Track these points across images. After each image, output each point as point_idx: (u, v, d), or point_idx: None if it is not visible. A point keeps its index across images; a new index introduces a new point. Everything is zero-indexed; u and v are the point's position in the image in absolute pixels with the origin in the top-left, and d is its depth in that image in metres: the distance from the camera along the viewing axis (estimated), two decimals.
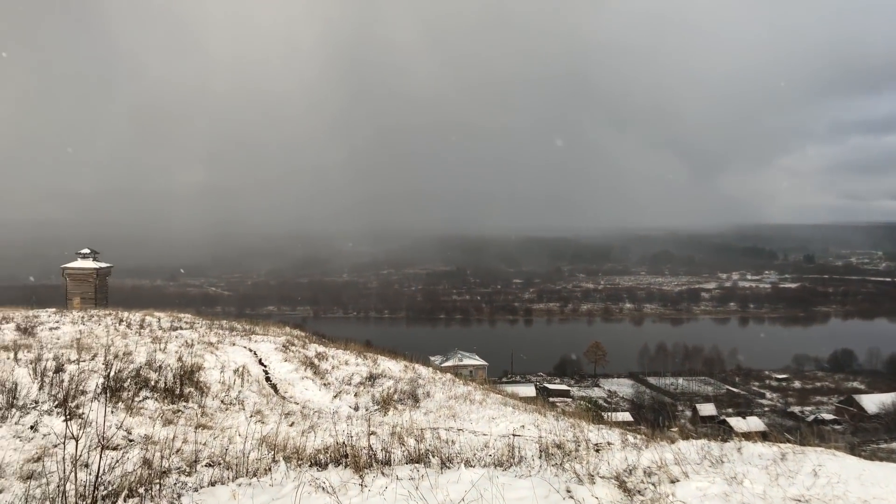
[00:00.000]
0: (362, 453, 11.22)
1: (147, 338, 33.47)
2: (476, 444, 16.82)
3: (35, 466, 12.83)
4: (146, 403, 20.43)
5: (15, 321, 39.83)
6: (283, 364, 29.92)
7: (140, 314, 44.62)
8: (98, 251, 63.83)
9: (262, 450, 14.72)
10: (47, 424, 16.57)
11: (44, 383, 20.90)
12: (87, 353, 26.23)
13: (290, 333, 42.42)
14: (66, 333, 36.76)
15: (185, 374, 24.45)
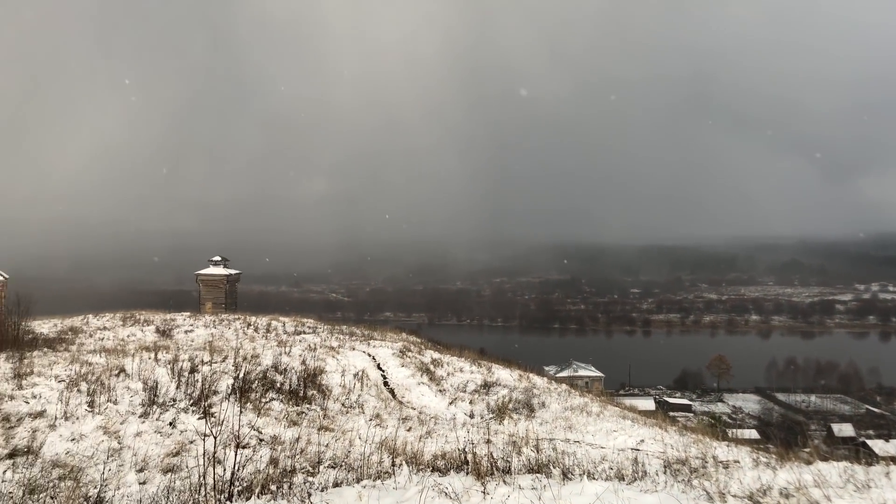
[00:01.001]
0: (483, 461, 11.17)
1: (273, 341, 35.04)
2: (594, 456, 16.42)
3: (174, 461, 13.67)
4: (272, 404, 21.35)
5: (155, 324, 42.81)
6: (401, 369, 30.45)
7: (266, 319, 46.81)
8: (228, 259, 67.61)
9: (382, 453, 15.00)
10: (184, 421, 17.64)
11: (180, 383, 22.29)
12: (218, 356, 27.76)
13: (406, 339, 43.19)
14: (199, 336, 39.13)
15: (308, 378, 25.37)
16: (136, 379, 22.17)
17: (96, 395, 19.77)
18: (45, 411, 17.94)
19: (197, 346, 32.11)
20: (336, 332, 42.85)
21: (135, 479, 12.18)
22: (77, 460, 13.63)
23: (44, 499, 9.57)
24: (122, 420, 17.16)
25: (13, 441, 14.97)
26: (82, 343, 34.07)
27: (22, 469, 12.81)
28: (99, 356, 26.54)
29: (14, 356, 25.49)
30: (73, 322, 42.63)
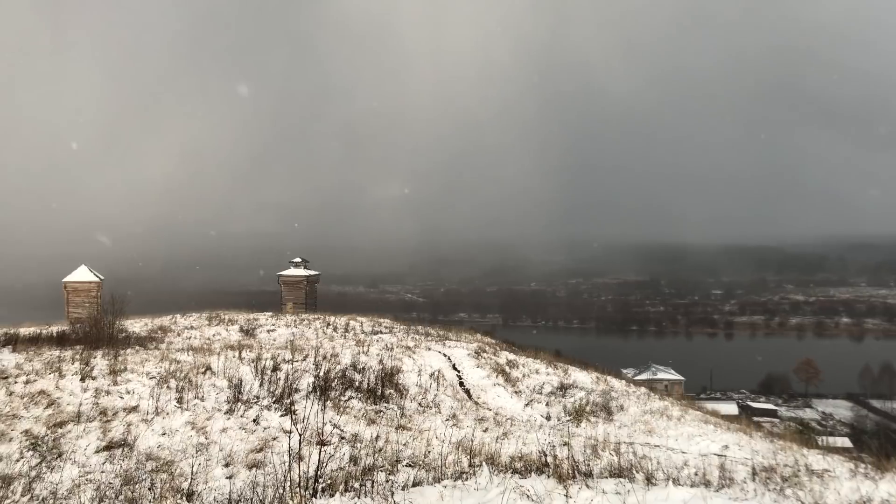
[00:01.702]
0: (563, 463, 11.04)
1: (351, 341, 35.65)
2: (675, 461, 15.99)
3: (258, 456, 14.08)
4: (351, 403, 21.72)
5: (239, 323, 44.24)
6: (476, 370, 30.45)
7: (345, 318, 47.68)
8: (308, 260, 69.21)
9: (459, 453, 15.03)
10: (267, 419, 18.15)
11: (263, 380, 22.95)
12: (299, 354, 28.45)
13: (481, 340, 43.18)
14: (281, 335, 40.20)
15: (385, 377, 25.69)
16: (221, 377, 22.97)
17: (185, 391, 20.58)
18: (137, 406, 18.80)
19: (279, 345, 32.99)
20: (412, 332, 43.25)
21: (222, 474, 12.60)
22: (168, 454, 14.22)
23: (139, 490, 10.01)
24: (209, 416, 17.80)
25: (110, 434, 15.74)
26: (171, 342, 35.51)
27: (119, 461, 13.45)
28: (187, 354, 27.62)
29: (109, 353, 26.80)
30: (162, 321, 44.51)
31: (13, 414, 17.70)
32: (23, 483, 11.00)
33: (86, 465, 13.20)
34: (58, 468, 12.60)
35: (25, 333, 35.88)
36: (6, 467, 12.85)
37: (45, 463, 13.05)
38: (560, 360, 39.18)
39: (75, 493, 10.34)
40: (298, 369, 24.93)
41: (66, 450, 14.33)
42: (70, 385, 21.38)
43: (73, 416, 17.41)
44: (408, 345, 34.46)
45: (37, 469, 12.28)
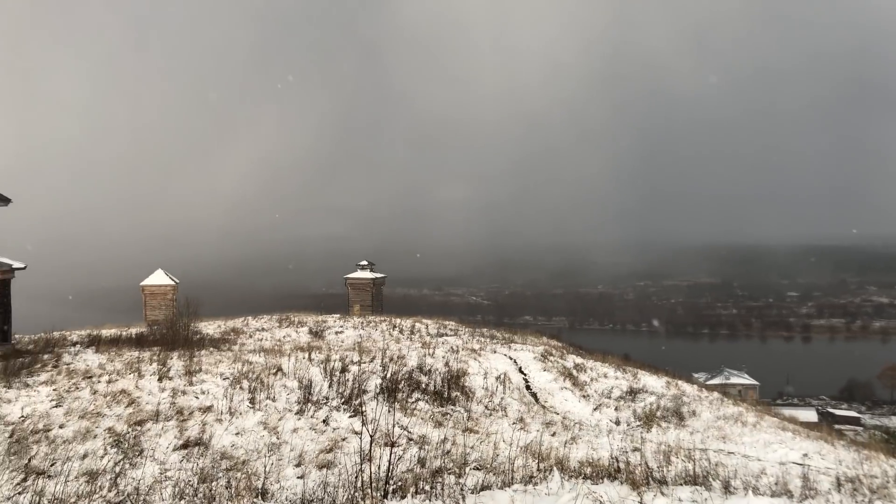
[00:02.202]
0: (637, 469, 10.79)
1: (417, 343, 35.85)
2: (752, 469, 15.46)
3: (328, 457, 14.29)
4: (418, 405, 21.82)
5: (308, 325, 45.08)
6: (543, 373, 30.17)
7: (410, 321, 48.02)
8: (374, 263, 70.01)
9: (527, 457, 14.90)
10: (336, 419, 18.41)
11: (332, 382, 23.31)
12: (366, 356, 28.78)
13: (547, 343, 42.77)
14: (348, 337, 40.76)
15: (451, 379, 25.72)
16: (291, 378, 23.44)
17: (257, 392, 21.09)
18: (212, 406, 19.36)
19: (347, 347, 33.45)
20: (477, 334, 43.20)
21: (293, 474, 12.82)
22: (242, 453, 14.58)
23: (215, 488, 10.29)
24: (280, 417, 18.17)
25: (186, 433, 16.25)
26: (243, 343, 36.42)
27: (195, 459, 13.87)
28: (258, 356, 28.31)
29: (185, 354, 27.71)
30: (234, 323, 45.74)
31: (97, 412, 18.49)
32: (109, 479, 11.45)
33: (164, 462, 13.65)
34: (139, 465, 13.07)
35: (107, 335, 37.45)
36: (92, 463, 13.41)
37: (127, 460, 13.56)
38: (629, 364, 38.47)
39: (155, 490, 10.71)
40: (366, 371, 25.22)
41: (146, 447, 14.87)
42: (149, 385, 22.19)
43: (152, 414, 18.05)
44: (473, 347, 34.42)
45: (120, 465, 12.76)
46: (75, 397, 20.46)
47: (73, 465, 13.17)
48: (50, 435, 15.99)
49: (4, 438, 15.49)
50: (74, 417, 17.78)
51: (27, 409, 19.00)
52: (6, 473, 12.56)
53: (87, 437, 15.78)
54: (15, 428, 16.59)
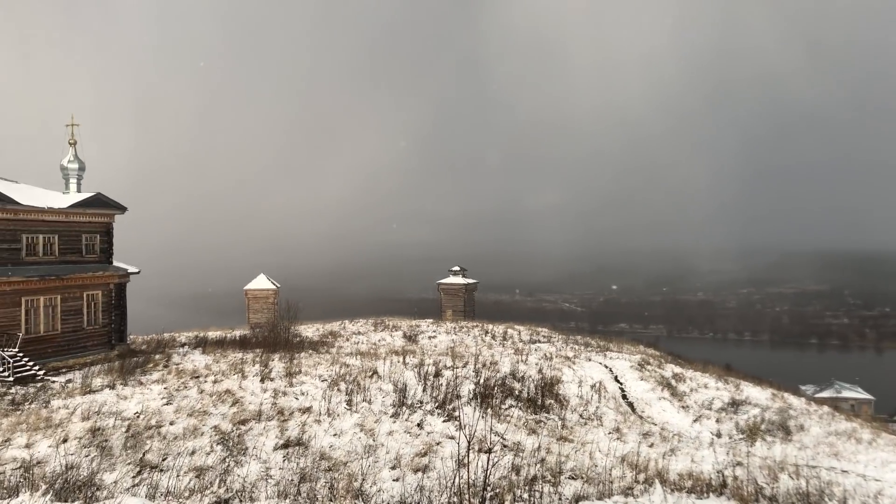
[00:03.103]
0: (744, 485, 10.34)
1: (510, 349, 35.74)
2: (869, 490, 14.53)
3: (423, 460, 14.41)
4: (511, 411, 21.71)
5: (402, 330, 45.79)
6: (639, 383, 29.43)
7: (502, 327, 47.92)
8: (466, 268, 70.40)
9: (624, 468, 14.55)
10: (430, 423, 18.57)
11: (426, 386, 23.55)
12: (459, 361, 28.93)
13: (644, 352, 41.70)
14: (441, 342, 41.11)
15: (545, 386, 25.48)
16: (387, 381, 23.84)
17: (353, 394, 21.57)
18: (311, 407, 19.93)
19: (440, 352, 33.73)
20: (570, 342, 42.63)
21: (389, 476, 13.01)
22: (340, 454, 14.92)
23: (315, 488, 10.57)
24: (376, 419, 18.49)
25: (287, 433, 16.79)
26: (340, 346, 37.31)
27: (295, 459, 14.30)
28: (354, 358, 28.97)
29: (285, 356, 28.70)
30: (332, 327, 46.97)
31: (204, 410, 19.38)
32: (216, 475, 11.96)
33: (267, 461, 14.14)
34: (244, 463, 13.59)
35: (213, 337, 39.28)
36: (199, 459, 14.06)
37: (232, 457, 14.13)
38: (730, 375, 36.99)
39: (259, 488, 11.10)
40: (459, 376, 25.33)
41: (249, 446, 15.45)
42: (251, 385, 23.10)
43: (255, 414, 18.76)
44: (567, 355, 33.98)
45: (226, 462, 13.31)
46: (184, 396, 21.54)
47: (183, 460, 13.83)
48: (161, 431, 16.87)
49: (122, 433, 16.46)
50: (183, 415, 18.70)
51: (141, 405, 20.15)
52: (124, 466, 13.33)
53: (194, 434, 16.56)
54: (130, 423, 17.61)
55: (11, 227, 27.90)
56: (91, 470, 11.60)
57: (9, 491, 9.61)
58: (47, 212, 29.24)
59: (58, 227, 29.95)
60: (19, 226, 28.22)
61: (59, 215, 29.84)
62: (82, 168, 32.95)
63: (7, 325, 27.31)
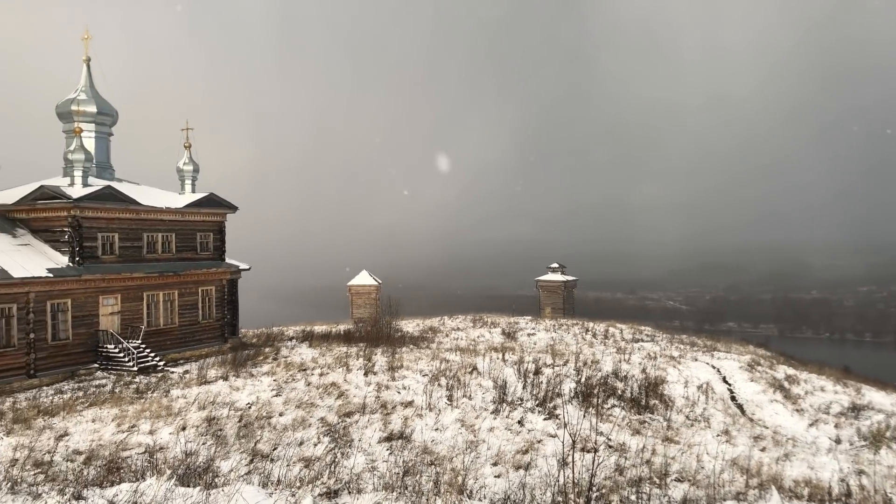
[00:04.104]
0: (871, 496, 9.73)
1: (611, 348, 35.05)
2: None
3: (525, 458, 14.36)
4: (613, 411, 21.28)
5: (500, 326, 45.76)
6: (749, 384, 28.19)
7: (603, 325, 47.05)
8: (565, 265, 69.54)
9: (734, 472, 13.99)
10: (531, 421, 18.47)
11: (526, 383, 23.44)
12: (559, 359, 28.63)
13: (754, 352, 39.92)
14: (541, 339, 40.80)
15: (649, 386, 24.82)
16: (486, 377, 23.90)
17: (454, 390, 21.74)
18: (412, 401, 20.24)
19: (539, 349, 33.49)
20: (675, 341, 41.38)
21: (490, 473, 13.03)
22: (441, 449, 15.09)
23: (419, 481, 10.72)
24: (477, 415, 18.57)
25: (389, 426, 17.13)
26: (440, 342, 37.70)
27: (398, 452, 14.58)
28: (454, 354, 29.20)
29: (388, 351, 29.29)
30: (431, 322, 47.53)
31: (311, 402, 20.06)
32: (323, 466, 12.35)
33: (371, 453, 14.48)
34: (350, 455, 13.97)
35: (318, 331, 40.56)
36: (307, 450, 14.56)
37: (338, 449, 14.54)
38: (850, 378, 34.83)
39: (364, 479, 11.38)
40: (559, 374, 25.06)
41: (354, 438, 15.86)
42: (355, 379, 23.71)
43: (359, 407, 19.24)
44: (672, 354, 33.00)
45: (332, 454, 13.72)
46: (292, 388, 22.37)
47: (292, 450, 14.36)
48: (271, 422, 17.59)
49: (235, 423, 17.26)
50: (291, 406, 19.42)
51: (252, 396, 21.07)
52: (238, 454, 13.98)
53: (302, 425, 17.16)
54: (243, 413, 18.45)
55: (134, 227, 29.78)
56: (208, 457, 12.23)
57: (136, 474, 10.27)
58: (165, 211, 31.05)
59: (175, 226, 31.72)
60: (141, 225, 30.08)
61: (175, 215, 31.62)
62: (196, 170, 34.75)
63: (131, 318, 29.19)
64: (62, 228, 27.46)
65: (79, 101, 32.78)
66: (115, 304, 28.63)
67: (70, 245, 27.18)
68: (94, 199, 27.71)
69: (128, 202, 29.08)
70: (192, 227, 32.68)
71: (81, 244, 27.29)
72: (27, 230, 28.00)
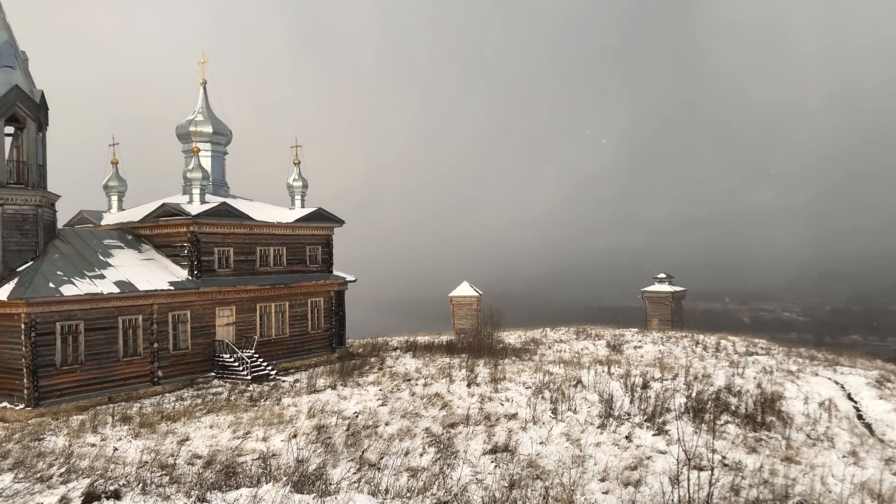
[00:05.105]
0: None
1: (723, 361, 33.56)
2: None
3: (633, 475, 13.94)
4: (727, 428, 20.34)
5: (605, 339, 44.79)
6: (878, 402, 26.26)
7: (714, 337, 45.16)
8: (673, 275, 67.35)
9: (864, 496, 13.08)
10: (639, 436, 17.93)
11: (633, 397, 22.77)
12: (668, 373, 27.68)
13: (882, 367, 37.19)
14: (647, 352, 39.61)
15: (765, 402, 23.58)
16: (592, 391, 23.40)
17: (558, 403, 21.42)
18: (516, 414, 20.09)
19: (646, 362, 32.51)
20: (793, 354, 39.14)
21: (598, 489, 12.73)
22: (547, 463, 14.88)
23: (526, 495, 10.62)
24: (582, 429, 18.21)
25: (494, 438, 17.06)
26: (543, 354, 37.30)
27: (503, 464, 14.49)
28: (558, 367, 28.78)
29: (490, 362, 29.23)
30: (533, 334, 47.11)
31: (416, 412, 20.28)
32: (429, 476, 12.45)
33: (475, 465, 14.47)
34: (455, 466, 14.02)
35: (421, 341, 41.05)
36: (412, 460, 14.71)
37: (443, 460, 14.62)
38: None
39: (469, 491, 11.37)
40: (668, 388, 24.23)
41: (459, 449, 15.90)
42: (459, 390, 23.80)
43: (463, 418, 19.28)
44: (789, 369, 31.25)
45: (438, 464, 13.80)
46: (397, 398, 22.71)
47: (399, 460, 14.55)
48: (378, 431, 17.90)
49: (343, 431, 17.68)
50: (397, 416, 19.70)
51: (359, 405, 21.54)
52: (346, 462, 14.30)
53: (408, 435, 17.36)
54: (350, 422, 18.88)
55: (248, 241, 31.19)
56: (319, 465, 12.57)
57: (251, 479, 10.68)
58: (276, 226, 32.37)
59: (285, 240, 33.01)
60: (254, 239, 31.47)
61: (286, 229, 32.90)
62: (305, 185, 36.05)
63: (245, 328, 30.53)
64: (182, 243, 29.11)
65: (196, 123, 34.81)
66: (230, 316, 30.04)
67: (189, 259, 28.77)
68: (210, 215, 29.25)
69: (242, 217, 30.50)
70: (301, 240, 33.90)
71: (199, 258, 28.83)
72: (151, 245, 29.84)
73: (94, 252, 27.29)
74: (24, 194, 25.16)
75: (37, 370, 23.29)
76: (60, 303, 23.92)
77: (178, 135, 35.56)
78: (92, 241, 28.09)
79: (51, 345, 23.77)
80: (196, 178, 30.88)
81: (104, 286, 25.39)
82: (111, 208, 33.24)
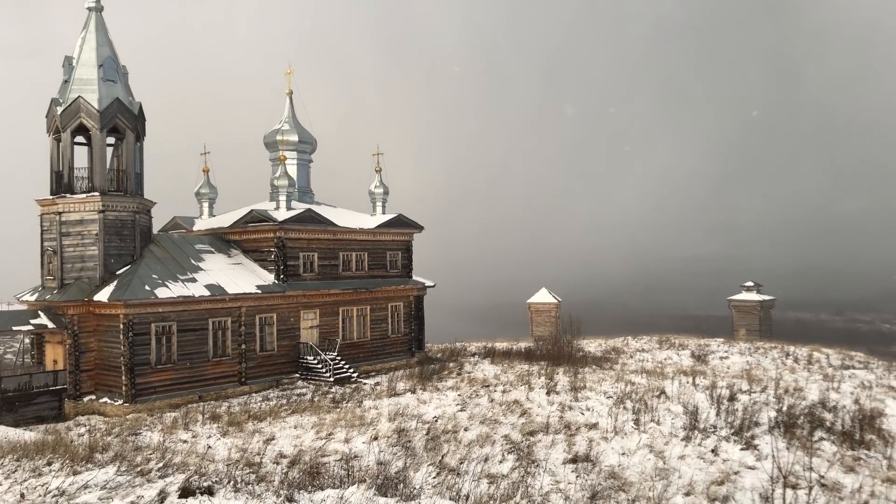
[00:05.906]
0: None
1: (816, 374, 32.07)
2: None
3: (720, 490, 13.49)
4: (822, 444, 19.42)
5: (689, 349, 43.55)
6: None
7: (806, 349, 43.22)
8: (761, 284, 64.93)
9: None
10: (726, 450, 17.32)
11: (720, 410, 22.01)
12: (756, 385, 26.64)
13: None
14: (734, 363, 38.27)
15: (864, 419, 22.36)
16: (675, 402, 22.75)
17: (640, 413, 20.93)
18: (597, 424, 19.75)
19: (733, 374, 31.44)
20: (894, 369, 37.04)
21: (683, 503, 12.38)
22: (629, 474, 14.56)
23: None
24: (666, 441, 17.73)
25: (574, 447, 16.83)
26: (624, 363, 36.59)
27: (583, 474, 14.28)
28: (640, 376, 28.16)
29: (569, 371, 28.88)
30: (614, 343, 46.26)
31: (494, 419, 20.23)
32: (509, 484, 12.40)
33: (556, 474, 14.31)
34: (536, 474, 13.91)
35: (499, 348, 40.95)
36: (492, 466, 14.68)
37: (523, 467, 14.53)
38: None
39: (550, 500, 11.26)
40: (757, 401, 23.32)
41: (539, 457, 15.76)
42: (538, 397, 23.59)
43: (542, 426, 19.10)
44: (891, 384, 29.59)
45: (518, 472, 13.73)
46: (476, 403, 22.71)
47: (478, 466, 14.55)
48: (457, 436, 17.95)
49: (422, 435, 17.82)
50: (476, 422, 19.70)
51: (438, 410, 21.66)
52: (426, 466, 14.41)
53: (487, 441, 17.34)
54: (430, 427, 19.00)
55: (332, 247, 31.94)
56: (400, 468, 12.71)
57: (334, 480, 10.91)
58: (358, 232, 33.02)
59: (367, 246, 33.63)
60: (337, 245, 32.20)
61: (367, 235, 33.53)
62: (386, 192, 36.64)
63: (328, 331, 31.25)
64: (269, 248, 30.08)
65: (283, 132, 35.94)
66: (314, 319, 30.80)
67: (275, 263, 29.68)
68: (296, 221, 30.12)
69: (326, 223, 31.27)
70: (382, 246, 34.46)
71: (285, 262, 29.71)
72: (240, 250, 30.95)
73: (187, 256, 28.53)
74: (123, 201, 26.60)
75: (134, 368, 24.55)
76: (155, 305, 25.14)
77: (265, 143, 36.79)
78: (184, 246, 29.37)
79: (146, 344, 25.02)
80: (282, 185, 31.85)
81: (196, 289, 26.50)
82: (202, 214, 34.66)
